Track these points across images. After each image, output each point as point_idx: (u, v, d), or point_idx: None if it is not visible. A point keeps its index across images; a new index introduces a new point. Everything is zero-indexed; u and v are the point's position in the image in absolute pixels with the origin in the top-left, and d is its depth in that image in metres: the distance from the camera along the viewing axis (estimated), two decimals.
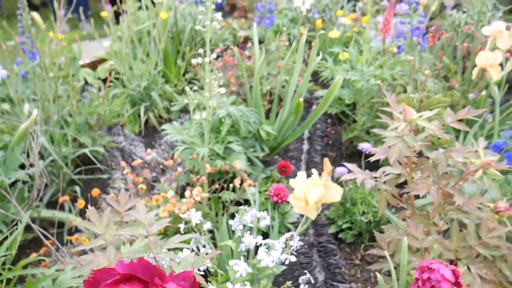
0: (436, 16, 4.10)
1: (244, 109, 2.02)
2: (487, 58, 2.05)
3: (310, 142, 2.72)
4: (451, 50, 3.05)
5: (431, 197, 1.16)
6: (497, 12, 3.16)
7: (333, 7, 3.65)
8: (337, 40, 3.17)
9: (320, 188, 1.29)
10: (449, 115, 1.19)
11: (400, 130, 1.13)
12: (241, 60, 2.26)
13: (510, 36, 2.06)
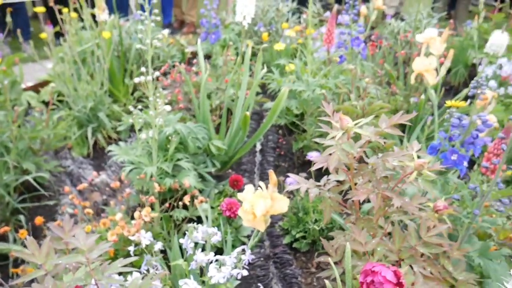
0: (378, 24, 4.27)
1: (192, 126, 2.01)
2: (423, 64, 2.15)
3: (262, 154, 2.74)
4: (392, 57, 3.19)
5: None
6: (432, 19, 3.33)
7: (278, 20, 3.73)
8: (284, 52, 3.23)
9: (267, 200, 1.30)
10: (383, 121, 1.23)
11: (337, 138, 1.16)
12: (187, 76, 2.26)
13: (441, 42, 2.18)
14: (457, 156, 1.49)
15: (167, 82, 2.57)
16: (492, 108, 2.10)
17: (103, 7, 2.83)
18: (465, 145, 1.52)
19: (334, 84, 2.27)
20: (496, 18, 3.42)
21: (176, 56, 3.39)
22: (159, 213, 1.81)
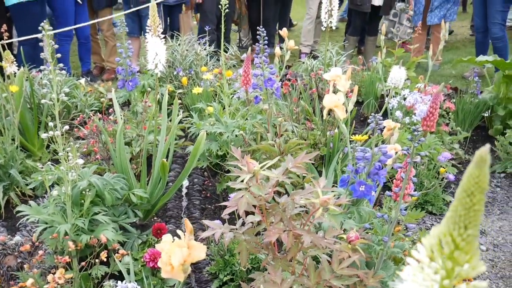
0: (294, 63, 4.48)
1: (109, 177, 1.96)
2: (332, 100, 2.28)
3: (188, 197, 2.72)
4: (307, 94, 3.35)
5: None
6: (341, 57, 3.57)
7: (198, 63, 3.80)
8: (205, 95, 3.28)
9: (184, 249, 1.29)
10: (290, 161, 1.28)
11: (245, 181, 1.19)
12: (101, 126, 2.21)
13: (346, 79, 2.34)
14: (364, 187, 1.58)
15: (84, 133, 2.50)
16: (396, 137, 2.26)
17: (10, 59, 2.73)
18: (371, 176, 1.61)
19: (252, 124, 2.34)
20: (397, 53, 3.73)
21: (95, 104, 3.31)
22: (77, 273, 1.72)
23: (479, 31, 4.87)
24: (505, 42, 4.52)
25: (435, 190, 2.62)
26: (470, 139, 3.52)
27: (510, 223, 2.57)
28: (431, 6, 4.97)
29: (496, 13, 4.57)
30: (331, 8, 2.94)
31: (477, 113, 3.40)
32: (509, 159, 3.04)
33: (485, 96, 3.42)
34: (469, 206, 0.46)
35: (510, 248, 2.36)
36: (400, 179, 2.00)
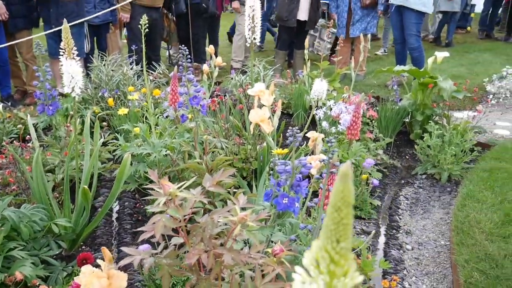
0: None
1: (27, 208, 1.85)
2: (257, 115, 2.31)
3: (119, 222, 2.62)
4: (237, 109, 3.37)
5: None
6: (269, 71, 3.65)
7: (125, 83, 3.71)
8: (133, 115, 3.21)
9: (102, 280, 1.24)
10: (207, 180, 1.28)
11: (161, 204, 1.16)
12: (17, 155, 2.09)
13: (270, 94, 2.39)
14: (288, 200, 1.61)
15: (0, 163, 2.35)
16: (321, 147, 2.33)
17: None
18: (293, 188, 1.65)
19: (179, 143, 2.31)
20: (322, 65, 3.88)
21: (14, 131, 3.13)
22: None
23: (397, 42, 5.19)
24: (421, 52, 4.85)
25: (362, 195, 2.73)
26: (394, 144, 3.71)
27: (433, 222, 2.73)
28: (353, 20, 5.22)
29: (411, 25, 4.90)
30: (253, 25, 3.00)
31: (398, 119, 3.60)
32: (428, 161, 3.24)
33: (404, 103, 3.62)
34: (338, 221, 0.48)
35: (433, 245, 2.49)
36: (327, 191, 2.06)
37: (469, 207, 2.55)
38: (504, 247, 2.18)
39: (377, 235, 2.55)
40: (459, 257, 2.17)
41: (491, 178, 2.88)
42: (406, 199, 2.98)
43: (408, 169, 3.41)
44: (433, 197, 3.02)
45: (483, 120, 4.19)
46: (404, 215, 2.80)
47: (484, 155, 3.32)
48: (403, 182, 3.23)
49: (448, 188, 3.10)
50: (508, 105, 4.61)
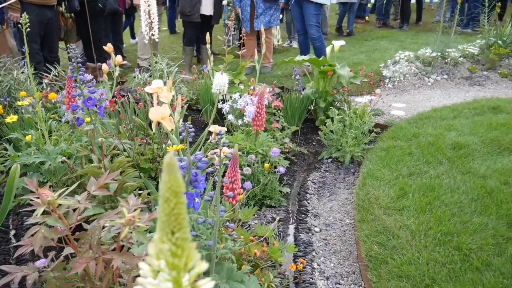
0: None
1: None
2: (158, 113, 2.25)
3: (17, 239, 2.44)
4: (143, 109, 3.27)
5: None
6: (173, 68, 3.59)
7: (17, 88, 3.44)
8: (27, 122, 2.98)
9: None
10: (92, 183, 1.22)
11: (39, 215, 1.09)
12: None
13: (168, 91, 2.34)
14: (186, 196, 1.59)
15: None
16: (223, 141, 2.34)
17: None
18: (192, 184, 1.63)
19: (75, 148, 2.19)
20: (227, 59, 3.89)
21: None
22: None
23: (300, 33, 5.36)
24: (321, 41, 5.05)
25: (271, 184, 2.79)
26: (301, 131, 3.84)
27: (339, 203, 2.87)
28: (256, 13, 5.30)
29: (311, 16, 5.08)
30: (150, 21, 2.92)
31: (303, 108, 3.73)
32: (332, 145, 3.40)
33: (307, 92, 3.76)
34: (169, 211, 0.47)
35: (339, 225, 2.62)
36: (228, 183, 2.07)
37: (369, 185, 2.71)
38: (399, 219, 2.35)
39: (287, 221, 2.63)
40: (361, 233, 2.30)
41: (388, 156, 3.09)
42: (313, 184, 3.10)
43: (316, 155, 3.55)
44: (338, 179, 3.17)
45: (381, 103, 4.48)
46: (312, 199, 2.91)
47: (382, 135, 3.55)
48: (311, 167, 3.36)
49: (352, 170, 3.28)
50: (402, 88, 4.97)
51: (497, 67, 5.34)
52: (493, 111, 3.95)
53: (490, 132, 3.34)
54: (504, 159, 2.94)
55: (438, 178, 2.72)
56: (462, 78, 5.19)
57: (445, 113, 3.94)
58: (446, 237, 2.16)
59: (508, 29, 5.58)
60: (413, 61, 5.22)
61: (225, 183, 2.07)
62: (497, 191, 2.51)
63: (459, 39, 6.07)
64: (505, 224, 2.25)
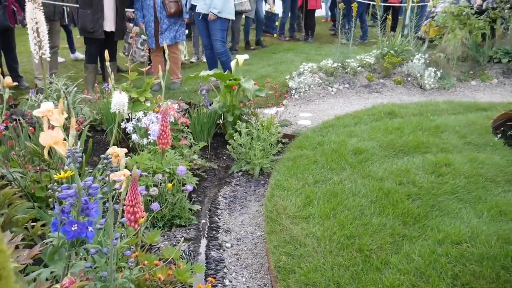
0: None
1: None
2: (49, 137, 2.10)
3: None
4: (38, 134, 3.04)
5: None
6: (71, 88, 3.39)
7: None
8: None
9: None
10: None
11: None
12: None
13: (60, 113, 2.20)
14: (77, 226, 1.48)
15: None
16: (124, 162, 2.24)
17: None
18: (83, 212, 1.53)
19: None
20: (130, 77, 3.77)
21: None
22: None
23: (206, 48, 5.37)
24: (227, 56, 5.10)
25: (180, 202, 2.72)
26: (212, 146, 3.83)
27: (250, 216, 2.88)
28: (161, 29, 5.22)
29: (216, 31, 5.11)
30: (39, 39, 2.75)
31: (212, 122, 3.72)
32: (242, 158, 3.42)
33: (215, 106, 3.76)
34: None
35: (250, 238, 2.63)
36: (129, 205, 1.98)
37: (277, 196, 2.76)
38: (306, 227, 2.41)
39: (198, 239, 2.58)
40: (270, 244, 2.32)
41: (295, 165, 3.18)
42: (224, 199, 3.09)
43: (227, 169, 3.55)
44: (249, 192, 3.19)
45: (289, 114, 4.62)
46: (223, 214, 2.89)
47: (290, 145, 3.65)
48: (222, 182, 3.35)
49: (262, 181, 3.32)
50: (308, 98, 5.17)
51: (392, 75, 5.77)
52: (389, 116, 4.25)
53: (386, 136, 3.57)
54: (399, 160, 3.16)
55: (341, 184, 2.84)
56: (361, 86, 5.53)
57: (347, 120, 4.16)
58: (349, 240, 2.25)
59: (398, 39, 6.07)
60: (316, 72, 5.46)
61: (125, 207, 1.99)
62: (393, 192, 2.68)
63: (357, 50, 6.49)
64: (401, 223, 2.40)
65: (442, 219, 2.43)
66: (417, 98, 5.24)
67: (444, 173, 2.92)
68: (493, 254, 2.06)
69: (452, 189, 2.73)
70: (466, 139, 3.57)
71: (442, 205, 2.58)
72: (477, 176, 2.90)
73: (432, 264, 2.03)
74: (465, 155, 3.21)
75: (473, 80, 5.98)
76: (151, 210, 2.41)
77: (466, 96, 5.52)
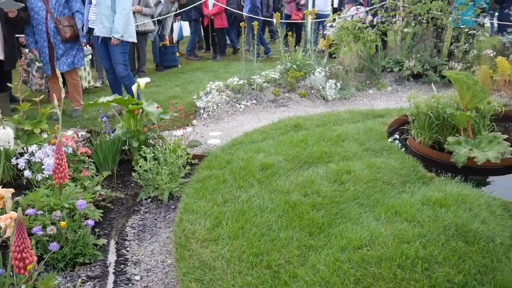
0: None
1: None
2: None
3: None
4: None
5: None
6: None
7: None
8: None
9: None
10: None
11: None
12: None
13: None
14: None
15: None
16: (10, 204, 2.07)
17: None
18: None
19: None
20: (22, 108, 3.51)
21: None
22: None
23: (108, 72, 5.18)
24: (130, 80, 4.96)
25: (83, 239, 2.56)
26: (118, 174, 3.67)
27: (160, 244, 2.78)
28: (56, 55, 4.95)
29: (117, 54, 4.96)
30: None
31: (116, 150, 3.57)
32: (149, 184, 3.32)
33: (118, 133, 3.62)
34: None
35: (161, 267, 2.54)
36: (16, 251, 1.83)
37: (185, 221, 2.71)
38: (215, 249, 2.38)
39: (105, 276, 2.44)
40: (180, 272, 2.26)
41: (204, 187, 3.15)
42: (133, 229, 2.96)
43: (135, 197, 3.41)
44: (159, 219, 3.10)
45: (199, 134, 4.60)
46: (132, 245, 2.77)
47: (199, 166, 3.61)
48: (130, 211, 3.21)
49: (172, 206, 3.24)
50: (217, 116, 5.19)
51: (296, 88, 6.00)
52: (295, 129, 4.39)
53: (292, 149, 3.69)
54: (304, 172, 3.27)
55: (249, 201, 2.87)
56: (269, 101, 5.68)
57: (255, 136, 4.23)
58: (257, 258, 2.26)
59: (300, 55, 6.34)
60: (224, 90, 5.51)
61: (12, 253, 1.83)
62: (299, 204, 2.76)
63: (262, 66, 6.67)
64: (307, 234, 2.47)
65: (345, 225, 2.55)
66: (320, 109, 5.49)
67: (345, 180, 3.07)
68: (390, 254, 2.19)
69: (353, 195, 2.88)
70: (365, 145, 3.80)
71: (344, 212, 2.70)
72: (375, 181, 3.09)
73: (336, 272, 2.11)
74: (364, 161, 3.41)
75: (370, 89, 6.42)
76: (50, 251, 2.24)
77: (365, 104, 5.90)
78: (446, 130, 3.97)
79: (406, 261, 2.15)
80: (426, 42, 6.92)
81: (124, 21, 4.84)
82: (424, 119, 3.96)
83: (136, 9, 7.09)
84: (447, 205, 2.67)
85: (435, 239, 2.34)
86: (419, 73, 6.62)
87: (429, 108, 3.96)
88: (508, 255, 2.28)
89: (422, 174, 3.26)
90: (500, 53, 6.54)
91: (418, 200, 2.76)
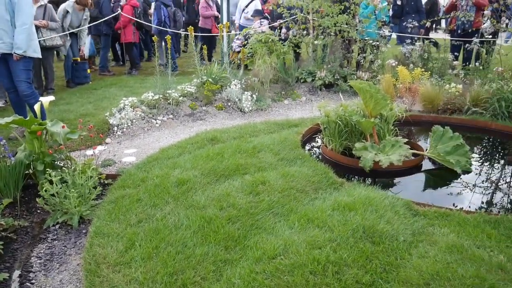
0: None
1: None
2: None
3: None
4: None
5: None
6: None
7: None
8: None
9: None
10: None
11: None
12: None
13: None
14: None
15: None
16: None
17: None
18: None
19: None
20: None
21: None
22: None
23: (10, 91, 4.82)
24: (35, 98, 4.66)
25: None
26: (23, 201, 3.41)
27: (70, 272, 2.61)
28: None
29: (20, 72, 4.64)
30: None
31: (18, 174, 3.32)
32: (57, 209, 3.12)
33: (19, 156, 3.37)
34: None
35: None
36: None
37: (96, 245, 2.58)
38: (128, 273, 2.29)
39: None
40: None
41: (117, 208, 3.02)
42: (39, 259, 2.75)
43: (42, 224, 3.18)
44: (69, 245, 2.91)
45: (113, 152, 4.42)
46: (38, 277, 2.57)
47: (112, 186, 3.47)
48: (36, 240, 2.99)
49: (83, 230, 3.07)
50: (132, 133, 5.03)
51: (213, 101, 6.01)
52: (212, 142, 4.39)
53: (208, 162, 3.67)
54: (220, 185, 3.27)
55: (165, 219, 2.80)
56: (185, 115, 5.62)
57: (171, 152, 4.16)
58: (172, 278, 2.21)
59: (215, 68, 6.37)
60: (138, 106, 5.36)
61: None
62: (215, 218, 2.75)
63: (178, 80, 6.60)
64: (223, 248, 2.46)
65: (261, 236, 2.58)
66: (238, 121, 5.55)
67: (260, 191, 3.12)
68: (302, 261, 2.24)
69: (268, 206, 2.93)
70: (280, 155, 3.89)
71: (260, 222, 2.73)
72: (289, 189, 3.17)
73: (251, 284, 2.12)
74: (279, 171, 3.48)
75: (285, 99, 6.62)
76: None
77: (281, 114, 6.06)
78: (355, 137, 4.20)
79: (318, 266, 2.22)
80: (335, 53, 7.30)
81: (25, 36, 4.54)
82: (334, 127, 4.16)
83: (41, 24, 6.71)
84: (355, 208, 2.81)
85: (344, 242, 2.44)
86: (330, 83, 6.96)
87: (338, 116, 4.16)
88: (410, 252, 2.44)
89: (333, 180, 3.41)
90: (401, 63, 7.08)
91: (329, 206, 2.87)
